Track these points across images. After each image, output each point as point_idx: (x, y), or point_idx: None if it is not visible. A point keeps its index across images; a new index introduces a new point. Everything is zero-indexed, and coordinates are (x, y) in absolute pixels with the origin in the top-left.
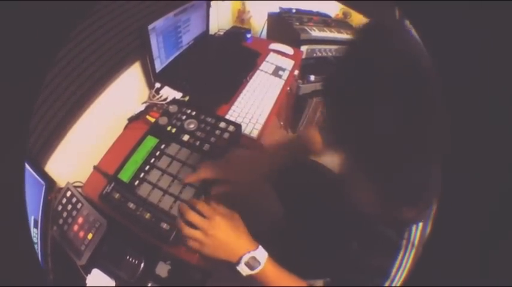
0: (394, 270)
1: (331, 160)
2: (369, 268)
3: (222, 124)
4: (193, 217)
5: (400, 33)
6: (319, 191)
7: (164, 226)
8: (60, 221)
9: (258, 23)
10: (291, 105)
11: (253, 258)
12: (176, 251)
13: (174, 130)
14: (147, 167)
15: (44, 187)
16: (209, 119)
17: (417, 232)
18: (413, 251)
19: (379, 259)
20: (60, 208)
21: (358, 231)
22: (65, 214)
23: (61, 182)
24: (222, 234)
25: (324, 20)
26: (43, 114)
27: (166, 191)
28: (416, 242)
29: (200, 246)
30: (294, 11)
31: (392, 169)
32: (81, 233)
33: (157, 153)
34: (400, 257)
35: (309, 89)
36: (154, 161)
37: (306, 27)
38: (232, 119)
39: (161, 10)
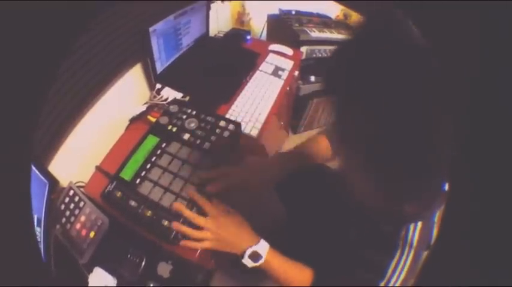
0: (390, 270)
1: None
2: (365, 264)
3: (222, 123)
4: (198, 220)
5: (403, 29)
6: (319, 190)
7: (165, 223)
8: (63, 220)
9: (258, 25)
10: (291, 106)
11: (255, 252)
12: (177, 249)
13: (174, 129)
14: (148, 166)
15: (47, 186)
16: (209, 118)
17: (415, 232)
18: (412, 253)
19: (375, 255)
20: (62, 207)
21: (357, 226)
22: (67, 213)
23: (63, 182)
24: (227, 232)
25: (324, 21)
26: (47, 114)
27: (167, 189)
28: (414, 243)
29: (210, 244)
30: (293, 12)
31: (396, 168)
32: (84, 232)
33: (158, 151)
34: (396, 258)
35: (309, 89)
36: (155, 160)
37: (305, 28)
38: (232, 118)
39: (162, 13)
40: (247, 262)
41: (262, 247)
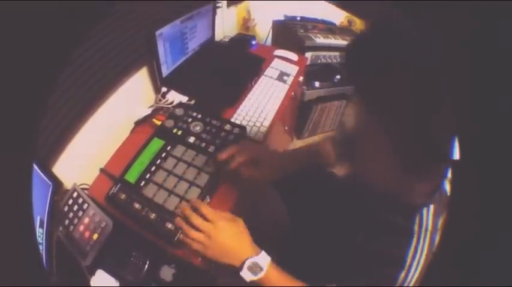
0: (409, 258)
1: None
2: (381, 260)
3: (228, 127)
4: (196, 219)
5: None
6: (324, 192)
7: (169, 226)
8: (66, 221)
9: (263, 31)
10: (295, 111)
11: (256, 263)
12: (180, 253)
13: (180, 132)
14: (153, 168)
15: (51, 188)
16: (215, 122)
17: (429, 215)
18: (428, 237)
19: (391, 249)
20: (66, 208)
21: (366, 224)
22: (70, 215)
23: (67, 184)
24: (225, 238)
25: (329, 28)
26: (52, 116)
27: (171, 192)
28: (430, 226)
29: (203, 249)
30: (298, 18)
31: (414, 126)
32: (87, 234)
33: (163, 154)
34: (414, 244)
35: (313, 95)
36: (160, 163)
37: (310, 34)
38: (237, 122)
39: (168, 17)
40: (246, 274)
41: (263, 258)
